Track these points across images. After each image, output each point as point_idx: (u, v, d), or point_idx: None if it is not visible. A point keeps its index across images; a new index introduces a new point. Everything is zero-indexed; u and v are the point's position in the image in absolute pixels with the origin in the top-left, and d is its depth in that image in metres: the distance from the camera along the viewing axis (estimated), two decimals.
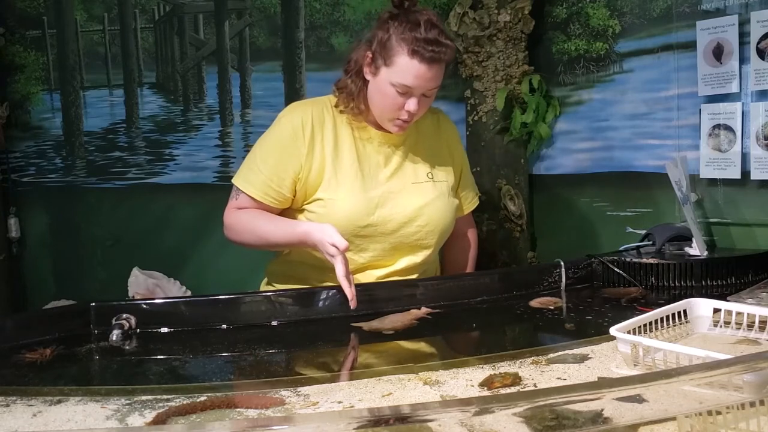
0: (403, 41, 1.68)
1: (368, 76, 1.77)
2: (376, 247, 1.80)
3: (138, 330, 1.53)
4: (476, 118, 2.70)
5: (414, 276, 1.87)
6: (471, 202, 2.06)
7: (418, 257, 1.85)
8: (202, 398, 1.10)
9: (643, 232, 2.10)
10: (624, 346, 1.18)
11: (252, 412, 1.05)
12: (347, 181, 1.78)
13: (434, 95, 1.79)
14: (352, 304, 1.60)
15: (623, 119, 2.43)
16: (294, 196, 1.80)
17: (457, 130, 2.05)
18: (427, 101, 1.78)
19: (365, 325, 1.54)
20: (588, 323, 1.55)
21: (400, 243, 1.82)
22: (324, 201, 1.78)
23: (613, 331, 1.20)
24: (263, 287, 1.96)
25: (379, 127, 1.84)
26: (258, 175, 1.79)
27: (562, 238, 2.68)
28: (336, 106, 1.84)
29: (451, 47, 1.72)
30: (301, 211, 1.82)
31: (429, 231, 1.84)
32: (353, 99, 1.81)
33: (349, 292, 1.60)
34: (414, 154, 1.88)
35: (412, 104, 1.73)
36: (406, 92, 1.71)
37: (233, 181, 1.84)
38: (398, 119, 1.76)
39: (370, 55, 1.75)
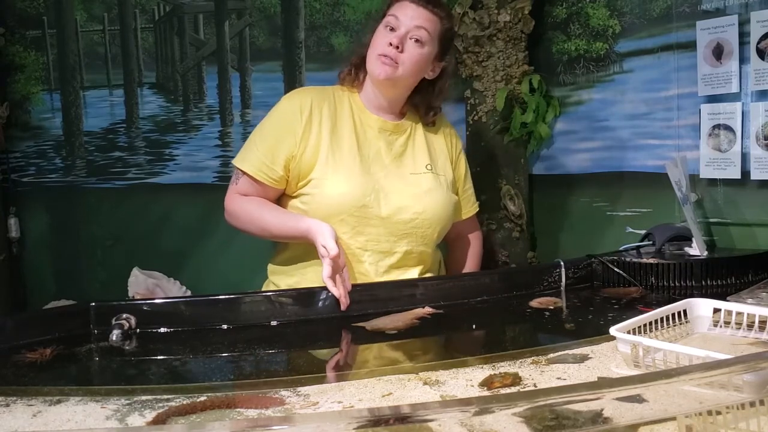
0: None
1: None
2: (372, 231, 1.81)
3: (138, 330, 1.53)
4: (476, 118, 2.70)
5: (415, 271, 1.87)
6: (472, 206, 2.09)
7: (415, 248, 1.86)
8: (202, 398, 1.10)
9: (643, 232, 2.10)
10: (624, 346, 1.18)
11: (252, 412, 1.05)
12: (344, 162, 1.81)
13: (423, 49, 1.82)
14: (343, 306, 1.62)
15: (623, 119, 2.42)
16: (288, 177, 1.83)
17: (459, 136, 2.08)
18: (413, 49, 1.81)
19: (368, 325, 1.54)
20: (588, 323, 1.55)
21: (396, 230, 1.83)
22: (318, 180, 1.80)
23: (613, 331, 1.20)
24: (265, 287, 1.96)
25: (380, 114, 1.88)
26: (254, 152, 1.84)
27: (562, 238, 2.68)
28: (339, 80, 1.92)
29: (444, 8, 1.86)
30: (297, 196, 1.84)
31: (426, 219, 1.85)
32: (357, 68, 1.90)
33: (335, 291, 1.61)
34: (414, 145, 1.92)
35: (395, 37, 1.79)
36: (393, 27, 1.80)
37: (233, 162, 1.89)
38: (380, 54, 1.80)
39: (374, 27, 1.87)
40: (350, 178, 1.79)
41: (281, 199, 1.89)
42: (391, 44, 1.79)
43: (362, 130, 1.87)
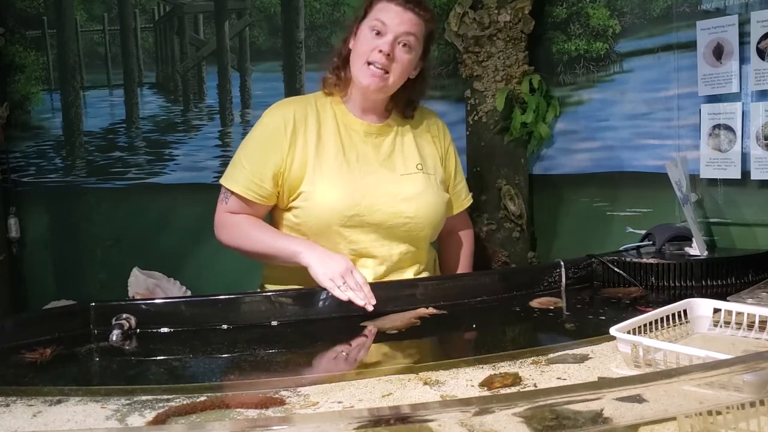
0: None
1: (351, 44, 1.83)
2: (365, 239, 1.80)
3: (138, 330, 1.53)
4: (476, 118, 2.70)
5: (410, 271, 1.87)
6: (464, 199, 2.07)
7: (409, 250, 1.85)
8: (202, 398, 1.10)
9: (643, 232, 2.10)
10: (624, 346, 1.18)
11: (252, 412, 1.05)
12: (332, 172, 1.79)
13: (411, 54, 1.80)
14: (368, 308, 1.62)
15: (623, 119, 2.42)
16: (278, 192, 1.82)
17: (447, 129, 2.05)
18: (402, 55, 1.79)
19: (369, 324, 1.54)
20: (588, 323, 1.55)
21: (390, 234, 1.82)
22: (308, 193, 1.78)
23: (613, 331, 1.20)
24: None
25: (364, 117, 1.86)
26: (241, 171, 1.82)
27: (562, 238, 2.68)
28: (325, 89, 1.88)
29: (429, 10, 1.82)
30: (288, 209, 1.83)
31: (419, 222, 1.84)
32: (339, 71, 1.86)
33: (361, 299, 1.61)
34: (403, 145, 1.89)
35: (384, 43, 1.76)
36: (380, 31, 1.76)
37: (221, 181, 1.86)
38: (370, 63, 1.77)
39: (354, 25, 1.83)
40: (339, 188, 1.77)
41: (274, 211, 1.88)
42: (381, 51, 1.75)
43: (347, 135, 1.84)
